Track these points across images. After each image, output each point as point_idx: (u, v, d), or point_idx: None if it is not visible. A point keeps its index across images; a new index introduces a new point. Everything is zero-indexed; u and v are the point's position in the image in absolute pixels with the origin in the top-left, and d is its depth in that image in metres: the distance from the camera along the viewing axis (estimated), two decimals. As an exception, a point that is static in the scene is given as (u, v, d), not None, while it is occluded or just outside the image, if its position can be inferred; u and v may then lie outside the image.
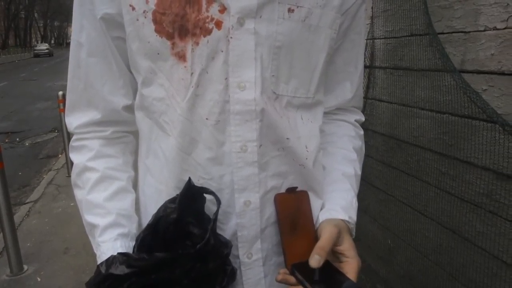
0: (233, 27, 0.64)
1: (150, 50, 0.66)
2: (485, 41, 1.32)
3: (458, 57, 1.40)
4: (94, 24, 0.69)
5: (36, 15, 53.86)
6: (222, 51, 0.64)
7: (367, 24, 1.83)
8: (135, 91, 0.74)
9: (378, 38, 1.79)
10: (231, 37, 0.64)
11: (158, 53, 0.65)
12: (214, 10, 0.63)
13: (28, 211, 3.82)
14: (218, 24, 0.63)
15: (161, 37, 0.64)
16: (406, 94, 1.57)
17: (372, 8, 1.79)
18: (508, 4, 1.24)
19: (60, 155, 5.64)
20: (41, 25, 59.23)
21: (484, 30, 1.33)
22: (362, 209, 2.03)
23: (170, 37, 0.64)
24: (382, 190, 1.81)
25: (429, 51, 1.47)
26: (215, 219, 0.64)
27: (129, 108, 0.75)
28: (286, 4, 0.65)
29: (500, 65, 1.26)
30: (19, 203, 4.06)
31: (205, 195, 0.67)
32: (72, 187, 0.77)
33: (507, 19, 1.24)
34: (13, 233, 2.75)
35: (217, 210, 0.64)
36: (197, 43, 0.64)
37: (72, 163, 0.77)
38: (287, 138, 0.70)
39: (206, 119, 0.66)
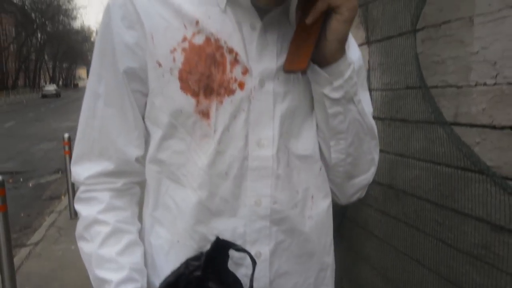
0: (255, 88, 0.69)
1: (173, 106, 0.68)
2: (477, 96, 1.38)
3: (452, 110, 1.45)
4: (114, 75, 0.70)
5: (46, 57, 55.46)
6: (244, 110, 0.68)
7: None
8: (146, 142, 0.76)
9: (375, 90, 1.86)
10: (253, 98, 0.69)
11: (182, 110, 0.68)
12: (237, 71, 0.68)
13: (29, 253, 3.80)
14: (241, 85, 0.68)
15: (187, 95, 0.68)
16: (402, 145, 1.62)
17: (368, 61, 1.88)
18: (496, 62, 1.30)
19: (63, 197, 5.65)
20: (50, 66, 60.82)
21: (475, 85, 1.39)
22: (362, 258, 2.02)
23: (195, 95, 0.67)
24: (382, 239, 1.82)
25: (423, 104, 1.53)
26: (252, 279, 0.66)
27: (140, 160, 0.76)
28: None
29: (491, 119, 1.30)
30: (19, 245, 4.04)
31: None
32: (73, 230, 0.75)
33: (496, 76, 1.30)
34: (12, 277, 2.74)
35: (253, 271, 0.66)
36: (221, 102, 0.68)
37: (73, 206, 0.75)
38: (297, 191, 0.74)
39: (225, 173, 0.69)
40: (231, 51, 0.68)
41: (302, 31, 0.68)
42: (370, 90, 1.90)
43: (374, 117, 1.90)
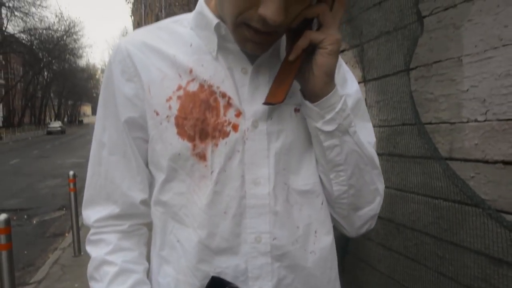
0: (248, 129, 0.72)
1: (171, 151, 0.72)
2: (469, 131, 1.43)
3: (446, 145, 1.50)
4: (116, 125, 0.76)
5: (51, 94, 56.35)
6: (239, 151, 0.71)
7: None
8: (150, 185, 0.80)
9: (373, 126, 1.92)
10: (246, 139, 0.72)
11: (179, 154, 0.72)
12: (230, 114, 0.72)
13: (31, 292, 3.76)
14: (235, 127, 0.71)
15: (183, 140, 0.71)
16: (401, 180, 1.66)
17: (366, 99, 1.95)
18: (485, 99, 1.37)
19: (67, 234, 5.64)
20: (56, 103, 61.71)
21: (467, 122, 1.45)
22: (366, 292, 2.02)
23: (191, 139, 0.71)
24: (384, 273, 1.83)
25: (419, 140, 1.58)
26: None
27: (145, 202, 0.80)
28: (292, 105, 0.74)
29: (484, 154, 1.36)
30: (22, 284, 4.01)
31: None
32: (77, 267, 0.79)
33: (486, 113, 1.36)
34: (15, 317, 2.71)
35: None
36: (216, 145, 0.71)
37: (77, 243, 0.79)
38: (297, 227, 0.75)
39: (224, 213, 0.72)
40: (224, 95, 0.72)
41: (285, 67, 0.71)
42: (368, 126, 1.97)
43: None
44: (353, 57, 2.15)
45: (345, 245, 2.13)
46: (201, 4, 0.76)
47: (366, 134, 0.81)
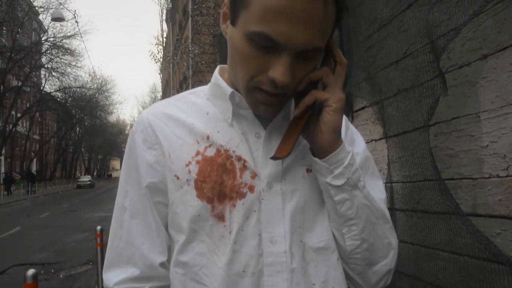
0: (263, 190, 0.76)
1: (192, 213, 0.76)
2: (492, 187, 1.43)
3: (470, 201, 1.50)
4: (138, 190, 0.80)
5: (82, 149, 58.16)
6: (255, 211, 0.75)
7: (385, 168, 1.99)
8: (169, 248, 0.83)
9: (396, 182, 1.93)
10: (262, 199, 0.76)
11: (199, 215, 0.75)
12: (246, 176, 0.76)
13: None
14: (251, 188, 0.76)
15: (202, 201, 0.75)
16: (426, 236, 1.64)
17: (388, 155, 1.97)
18: (505, 155, 1.38)
19: (92, 289, 5.63)
20: (86, 158, 63.47)
21: (489, 177, 1.45)
22: None
23: (210, 201, 0.75)
24: (413, 334, 1.76)
25: (441, 196, 1.58)
26: None
27: (165, 265, 0.82)
28: (304, 166, 0.79)
29: (509, 210, 1.34)
30: None
31: None
32: None
33: (507, 168, 1.37)
34: None
35: None
36: (234, 206, 0.75)
37: None
38: (313, 284, 0.76)
39: (243, 271, 0.74)
40: (239, 159, 0.77)
41: (292, 125, 0.77)
42: (390, 182, 1.97)
43: (396, 208, 1.95)
44: (373, 114, 2.20)
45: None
46: (216, 77, 0.83)
47: (377, 191, 0.83)
